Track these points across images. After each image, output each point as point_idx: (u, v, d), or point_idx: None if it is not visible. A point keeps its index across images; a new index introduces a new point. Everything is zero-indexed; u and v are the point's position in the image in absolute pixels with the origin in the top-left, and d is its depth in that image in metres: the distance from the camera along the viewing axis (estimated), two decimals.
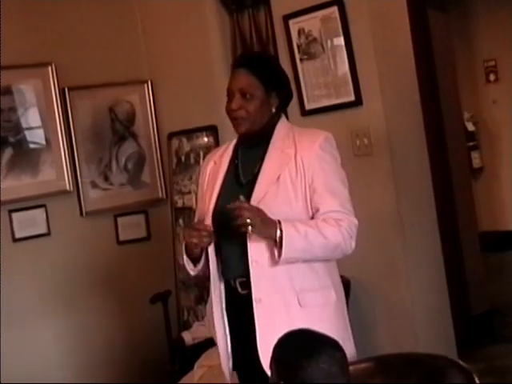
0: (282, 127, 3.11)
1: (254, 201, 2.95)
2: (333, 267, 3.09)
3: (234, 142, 3.23)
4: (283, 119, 3.16)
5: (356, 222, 3.01)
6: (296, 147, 3.02)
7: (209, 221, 3.07)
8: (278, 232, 2.85)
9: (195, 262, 3.13)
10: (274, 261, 2.91)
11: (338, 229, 2.93)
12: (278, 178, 2.98)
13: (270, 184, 2.98)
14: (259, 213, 2.86)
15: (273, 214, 2.91)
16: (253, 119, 3.05)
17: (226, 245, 3.06)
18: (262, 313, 2.96)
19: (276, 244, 2.87)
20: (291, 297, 2.96)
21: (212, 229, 3.01)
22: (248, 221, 2.81)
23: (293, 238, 2.86)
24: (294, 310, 2.95)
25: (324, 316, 2.96)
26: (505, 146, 8.99)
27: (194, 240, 2.98)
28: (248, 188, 3.03)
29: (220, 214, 3.04)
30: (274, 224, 2.86)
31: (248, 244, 2.95)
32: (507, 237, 8.76)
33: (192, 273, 3.17)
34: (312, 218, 2.98)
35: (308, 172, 2.97)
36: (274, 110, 3.09)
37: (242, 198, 2.86)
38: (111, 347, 5.37)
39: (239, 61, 3.19)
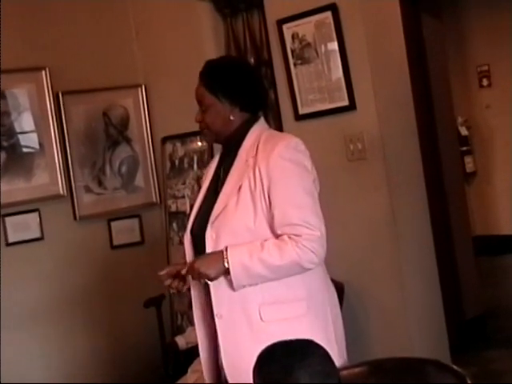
0: (253, 134, 3.00)
1: (214, 213, 2.92)
2: (311, 277, 2.92)
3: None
4: (258, 124, 3.04)
5: (318, 234, 2.81)
6: (257, 156, 2.91)
7: (188, 235, 3.07)
8: (226, 264, 2.82)
9: None
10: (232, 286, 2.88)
11: (291, 247, 2.79)
12: (239, 189, 2.89)
13: (231, 195, 2.90)
14: (198, 264, 2.85)
15: (231, 227, 2.87)
16: (214, 130, 3.02)
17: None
18: (224, 329, 2.92)
19: (228, 273, 2.84)
20: (252, 311, 2.88)
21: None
22: (197, 278, 2.89)
23: (240, 268, 2.81)
24: (255, 325, 2.87)
25: (290, 330, 2.73)
26: (498, 151, 9.01)
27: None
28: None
29: (196, 226, 3.05)
30: (221, 256, 2.82)
31: None
32: (500, 241, 8.77)
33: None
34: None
35: (265, 182, 2.84)
36: (232, 118, 2.99)
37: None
38: (104, 351, 5.36)
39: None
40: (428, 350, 4.32)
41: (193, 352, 4.32)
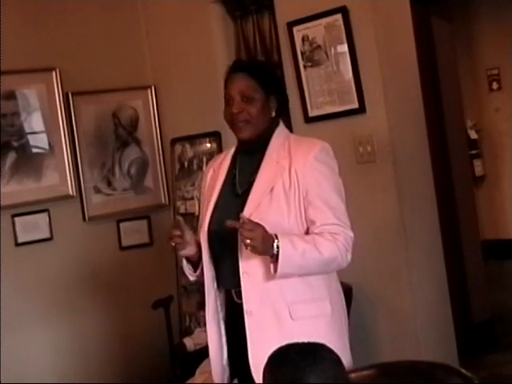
0: (279, 135, 3.07)
1: (246, 212, 2.91)
2: (330, 278, 3.02)
3: (233, 149, 3.21)
4: (281, 126, 3.12)
5: (352, 234, 2.93)
6: (291, 158, 2.97)
7: (204, 233, 3.06)
8: (275, 248, 2.79)
9: (195, 267, 3.14)
10: (270, 275, 2.86)
11: (334, 243, 2.87)
12: (272, 189, 2.93)
13: (264, 195, 2.94)
14: (260, 231, 2.76)
15: (267, 225, 2.85)
16: (255, 123, 3.01)
17: (220, 255, 3.04)
18: (253, 325, 2.94)
19: (272, 259, 2.83)
20: (282, 309, 2.92)
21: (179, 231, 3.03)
22: (248, 241, 2.74)
23: (289, 255, 2.81)
24: (285, 323, 2.91)
25: (317, 328, 2.90)
26: (507, 155, 9.00)
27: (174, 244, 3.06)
28: (243, 199, 3.00)
29: (215, 225, 3.04)
30: (272, 240, 2.80)
31: (239, 256, 2.92)
32: (509, 245, 8.75)
33: (191, 278, 3.19)
34: (307, 230, 2.93)
35: (302, 184, 2.92)
36: (273, 114, 3.07)
37: (242, 215, 2.80)
38: (112, 352, 5.37)
39: (236, 66, 3.13)
40: (436, 354, 4.32)
41: (201, 353, 4.34)
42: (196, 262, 3.14)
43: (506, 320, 6.31)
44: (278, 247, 2.79)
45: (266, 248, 2.79)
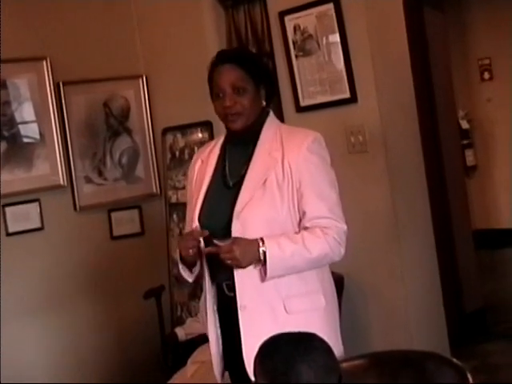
0: (270, 126, 3.03)
1: (239, 205, 2.90)
2: (323, 271, 3.01)
3: (222, 139, 3.17)
4: (271, 117, 3.08)
5: (345, 227, 2.92)
6: (283, 150, 2.94)
7: (195, 225, 3.02)
8: (262, 252, 2.80)
9: (190, 267, 3.07)
10: (261, 278, 2.86)
11: (324, 239, 2.86)
12: (265, 181, 2.90)
13: (256, 188, 2.91)
14: (237, 249, 2.79)
15: (258, 219, 2.87)
16: (247, 114, 2.98)
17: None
18: (247, 320, 2.91)
19: (261, 263, 2.83)
20: (277, 303, 2.90)
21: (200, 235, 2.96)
22: (229, 262, 2.80)
23: (277, 259, 2.81)
24: (280, 317, 2.89)
25: (312, 322, 2.86)
26: (499, 144, 9.01)
27: (190, 252, 2.94)
28: (235, 191, 2.96)
29: (206, 218, 3.01)
30: (257, 245, 2.81)
31: None
32: (500, 234, 8.77)
33: (190, 280, 3.11)
34: (299, 221, 2.92)
35: (295, 176, 2.89)
36: (264, 103, 3.04)
37: (216, 241, 2.84)
38: (104, 342, 5.37)
39: (222, 57, 3.07)
40: (427, 343, 4.32)
41: (192, 343, 4.34)
42: (191, 264, 3.06)
43: (498, 309, 6.33)
44: (264, 252, 2.81)
45: (251, 258, 2.82)
